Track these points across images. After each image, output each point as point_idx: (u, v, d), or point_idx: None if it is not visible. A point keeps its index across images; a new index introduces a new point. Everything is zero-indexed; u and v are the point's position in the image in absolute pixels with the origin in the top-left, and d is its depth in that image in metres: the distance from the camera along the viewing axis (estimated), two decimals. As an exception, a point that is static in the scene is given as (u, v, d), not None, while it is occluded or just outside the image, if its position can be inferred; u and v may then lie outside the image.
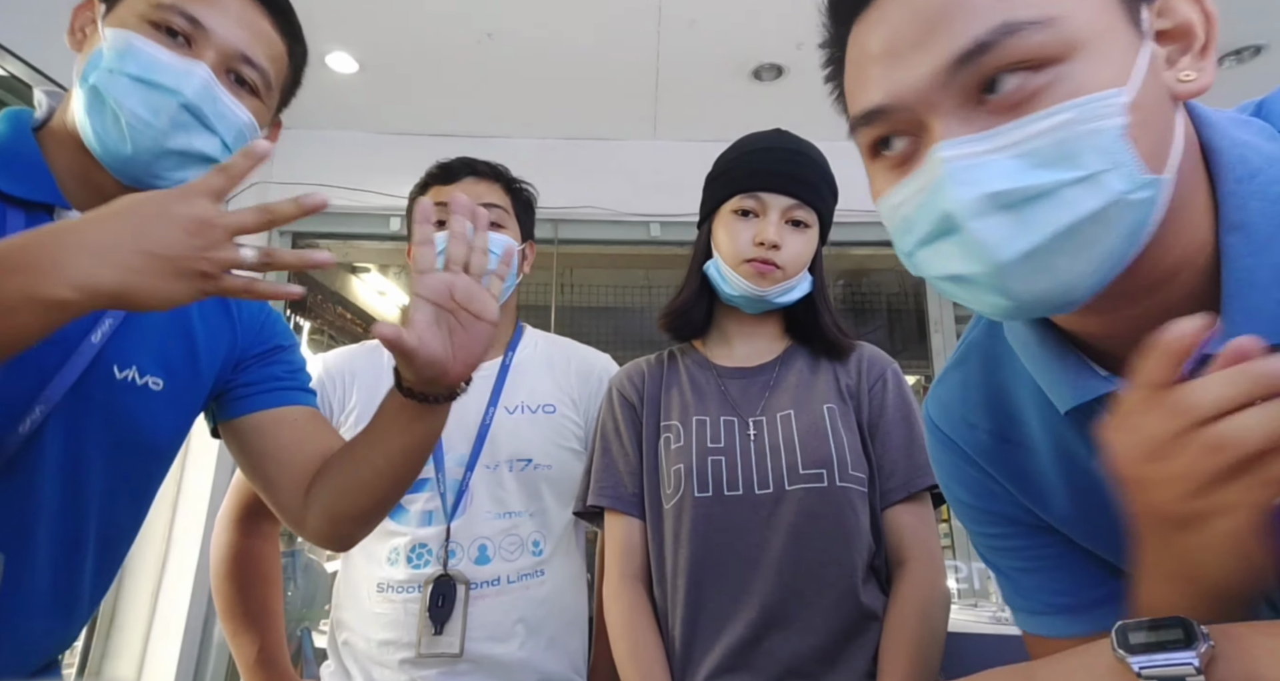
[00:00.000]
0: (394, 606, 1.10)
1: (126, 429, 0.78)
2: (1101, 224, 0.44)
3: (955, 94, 0.47)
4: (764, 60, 2.67)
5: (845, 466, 0.96)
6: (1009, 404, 0.64)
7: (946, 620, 0.94)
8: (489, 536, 1.13)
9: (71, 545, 0.76)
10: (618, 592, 1.01)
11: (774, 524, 0.95)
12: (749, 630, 0.91)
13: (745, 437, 1.01)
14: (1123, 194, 0.44)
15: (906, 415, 1.03)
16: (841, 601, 0.92)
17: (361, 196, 2.98)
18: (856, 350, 1.09)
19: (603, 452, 1.10)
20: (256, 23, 0.78)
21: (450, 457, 1.16)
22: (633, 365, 1.17)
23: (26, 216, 0.72)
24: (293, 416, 0.87)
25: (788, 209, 1.03)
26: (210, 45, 0.74)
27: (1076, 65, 0.45)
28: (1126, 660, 0.40)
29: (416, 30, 2.51)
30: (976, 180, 0.45)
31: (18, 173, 0.72)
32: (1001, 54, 0.45)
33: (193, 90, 0.71)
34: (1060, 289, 0.46)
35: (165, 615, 2.50)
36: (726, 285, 1.05)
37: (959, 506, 0.71)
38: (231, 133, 0.76)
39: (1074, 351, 0.56)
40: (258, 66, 0.78)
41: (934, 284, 0.52)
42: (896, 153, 0.52)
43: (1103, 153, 0.44)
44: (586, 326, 3.83)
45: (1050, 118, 0.44)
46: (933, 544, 0.98)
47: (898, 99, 0.49)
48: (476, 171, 1.27)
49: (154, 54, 0.71)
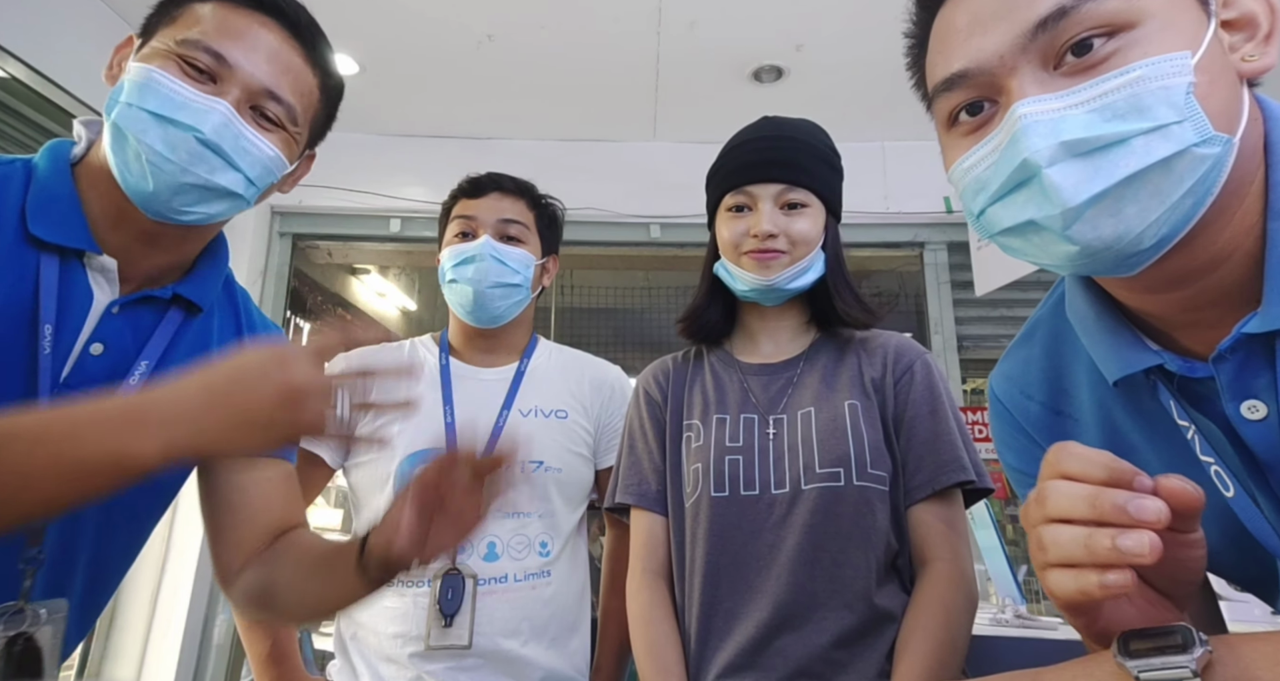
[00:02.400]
0: (403, 600, 1.12)
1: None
2: (1171, 175, 0.48)
3: (1034, 57, 0.51)
4: (764, 61, 2.67)
5: (864, 465, 0.94)
6: (1064, 378, 0.68)
7: (970, 624, 0.91)
8: (498, 534, 1.16)
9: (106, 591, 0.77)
10: (639, 587, 1.01)
11: (789, 524, 0.94)
12: (760, 629, 0.91)
13: (764, 436, 1.00)
14: (1191, 145, 0.47)
15: (935, 408, 0.99)
16: (855, 602, 0.91)
17: (362, 198, 2.98)
18: (884, 342, 1.07)
19: (629, 450, 1.10)
20: (286, 57, 0.77)
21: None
22: (659, 363, 1.16)
23: (60, 263, 0.71)
24: (267, 475, 0.84)
25: (779, 195, 1.02)
26: (235, 82, 0.73)
27: (1148, 30, 0.49)
28: (1126, 665, 0.41)
29: (417, 32, 2.51)
30: (1053, 131, 0.49)
31: (54, 217, 0.72)
32: (1080, 18, 0.49)
33: (211, 127, 0.71)
34: (1127, 237, 0.49)
35: (165, 616, 2.50)
36: (736, 282, 1.04)
37: (1011, 472, 0.75)
38: (256, 169, 0.75)
39: (1128, 326, 0.59)
40: (284, 102, 0.77)
41: (1001, 242, 0.56)
42: (973, 119, 0.55)
43: (1173, 107, 0.47)
44: (587, 328, 3.83)
45: (1123, 75, 0.48)
46: (958, 543, 0.94)
47: (978, 64, 0.53)
48: (503, 187, 1.30)
49: (173, 89, 0.71)
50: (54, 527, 0.70)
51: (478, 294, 1.22)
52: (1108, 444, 0.63)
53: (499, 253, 1.23)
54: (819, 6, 2.40)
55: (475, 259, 1.23)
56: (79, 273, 0.73)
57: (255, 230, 2.91)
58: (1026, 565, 3.04)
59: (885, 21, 2.43)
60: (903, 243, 3.10)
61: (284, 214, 3.04)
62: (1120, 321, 0.60)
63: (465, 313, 1.26)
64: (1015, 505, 3.37)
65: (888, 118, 2.91)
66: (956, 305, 3.02)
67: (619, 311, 3.87)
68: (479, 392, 1.24)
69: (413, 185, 2.94)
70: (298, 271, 3.15)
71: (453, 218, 1.29)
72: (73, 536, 0.73)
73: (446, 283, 1.27)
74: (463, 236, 1.26)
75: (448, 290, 1.27)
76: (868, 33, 2.50)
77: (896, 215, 3.03)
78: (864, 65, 2.67)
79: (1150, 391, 0.59)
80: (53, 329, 0.68)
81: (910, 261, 3.19)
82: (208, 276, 0.83)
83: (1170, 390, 0.57)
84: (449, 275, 1.25)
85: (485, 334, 1.29)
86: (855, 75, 2.73)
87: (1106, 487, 0.43)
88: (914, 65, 0.64)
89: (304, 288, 3.32)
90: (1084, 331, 0.62)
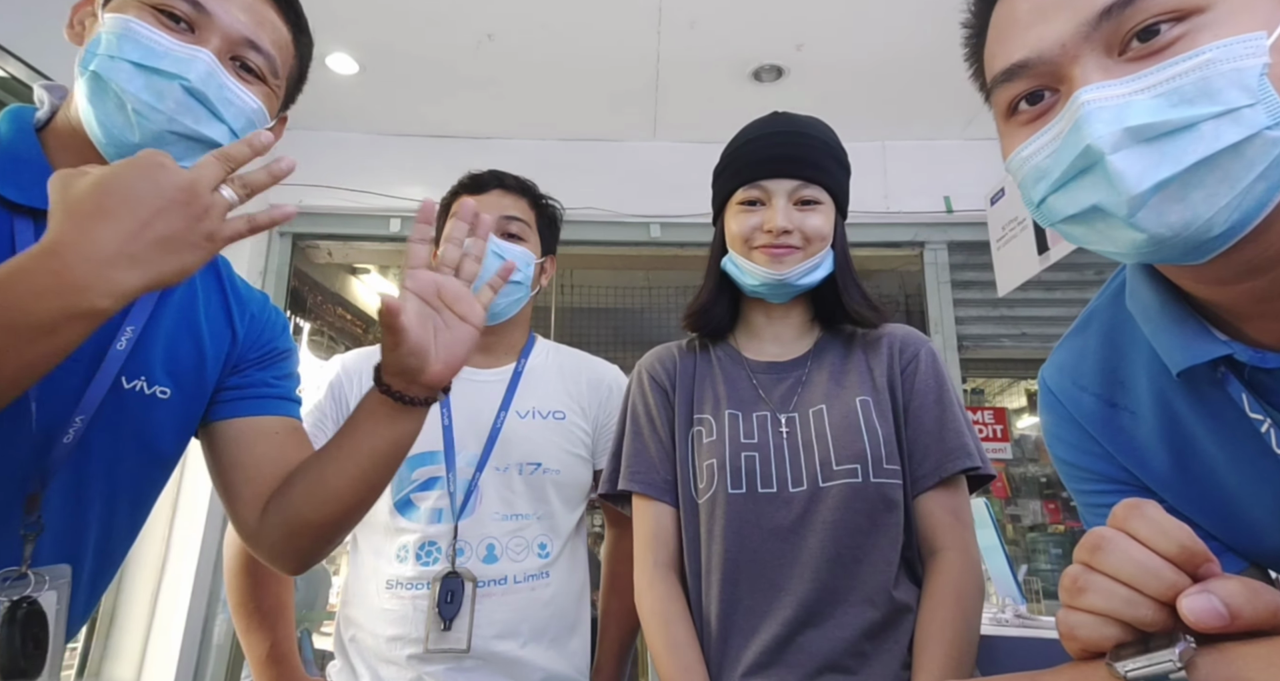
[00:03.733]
0: (403, 603, 1.12)
1: (131, 438, 0.76)
2: (1241, 159, 0.46)
3: (1098, 44, 0.49)
4: (764, 61, 2.67)
5: (880, 461, 0.94)
6: (1121, 370, 0.67)
7: (980, 609, 0.92)
8: (496, 536, 1.15)
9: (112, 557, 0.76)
10: (650, 582, 0.99)
11: (809, 521, 0.94)
12: (785, 627, 0.91)
13: (778, 433, 0.99)
14: (1264, 128, 0.45)
15: (940, 396, 0.99)
16: (876, 596, 0.91)
17: (361, 197, 2.98)
18: (888, 334, 1.06)
19: (633, 436, 1.07)
20: (261, 10, 0.76)
21: (461, 457, 1.17)
22: (663, 348, 1.14)
23: (34, 225, 0.70)
24: (272, 428, 0.84)
25: (794, 191, 1.02)
26: (214, 31, 0.72)
27: (1219, 13, 0.47)
28: (1114, 666, 0.42)
29: (416, 31, 2.51)
30: (1118, 117, 0.47)
31: (24, 179, 0.70)
32: (1147, 4, 0.47)
33: (197, 75, 0.69)
34: (1195, 223, 0.47)
35: (165, 616, 2.50)
36: (746, 276, 1.04)
37: (1060, 465, 0.74)
38: (240, 120, 0.74)
39: (1195, 316, 0.58)
40: (264, 52, 0.75)
41: (1064, 230, 0.54)
42: (1033, 108, 0.54)
43: (1245, 89, 0.45)
44: (586, 327, 3.84)
45: (1192, 59, 0.46)
46: (965, 532, 0.95)
47: (1040, 53, 0.52)
48: (505, 184, 1.30)
49: (155, 39, 0.69)
50: (56, 496, 0.70)
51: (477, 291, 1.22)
52: (1166, 436, 0.63)
53: (501, 250, 1.21)
54: (819, 6, 2.40)
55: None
56: None
57: (255, 230, 2.91)
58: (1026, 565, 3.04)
59: (886, 21, 2.45)
60: (903, 242, 3.10)
61: (284, 213, 3.03)
62: (1186, 311, 0.58)
63: None
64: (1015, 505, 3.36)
65: (888, 117, 2.91)
66: (956, 305, 3.02)
67: (619, 311, 3.87)
68: (476, 394, 1.23)
69: (413, 185, 2.93)
70: (298, 271, 3.15)
71: (453, 214, 1.28)
72: (77, 505, 0.72)
73: None
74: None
75: None
76: (868, 32, 2.50)
77: (896, 215, 3.03)
78: (864, 65, 2.67)
79: (1216, 383, 0.57)
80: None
81: (910, 261, 3.19)
82: None
83: (1241, 382, 0.56)
84: None
85: (483, 332, 1.27)
86: (855, 75, 2.73)
87: (1170, 567, 0.42)
88: (972, 56, 0.62)
89: (304, 287, 3.32)
90: (1146, 321, 0.61)
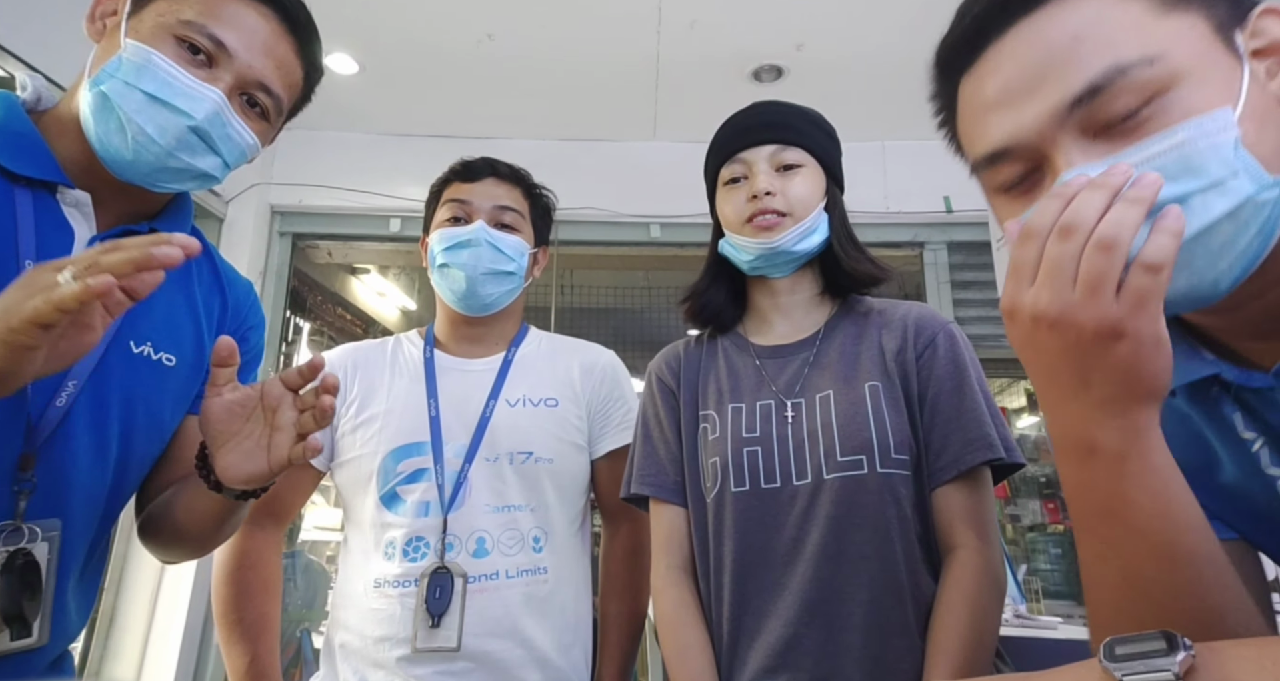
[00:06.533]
0: (390, 602, 1.08)
1: (141, 403, 0.79)
2: (1237, 222, 0.48)
3: (1073, 129, 0.52)
4: (764, 61, 2.68)
5: (887, 451, 0.91)
6: None
7: (999, 609, 0.89)
8: (487, 529, 1.11)
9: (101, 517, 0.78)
10: (664, 585, 0.98)
11: (811, 516, 0.91)
12: (789, 628, 0.88)
13: (782, 422, 0.97)
14: (1252, 196, 0.47)
15: (959, 383, 0.94)
16: (883, 595, 0.88)
17: (361, 197, 2.98)
18: (904, 313, 1.02)
19: (644, 440, 1.07)
20: (280, 51, 0.79)
21: (449, 448, 1.14)
22: (670, 347, 1.13)
23: (33, 194, 0.72)
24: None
25: (772, 155, 1.01)
26: (230, 68, 0.75)
27: (1185, 90, 0.49)
28: (1111, 670, 0.42)
29: (417, 31, 2.51)
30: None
31: (23, 152, 0.72)
32: (1114, 94, 0.50)
33: (204, 115, 0.73)
34: (1201, 285, 0.50)
35: (165, 617, 2.50)
36: (741, 252, 1.02)
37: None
38: (234, 154, 0.78)
39: (1186, 336, 0.60)
40: (274, 95, 0.79)
41: None
42: (1022, 184, 0.56)
43: (1224, 162, 0.47)
44: (586, 327, 3.83)
45: (1168, 138, 0.49)
46: (984, 527, 0.90)
47: (1018, 140, 0.54)
48: (498, 173, 1.27)
49: (172, 73, 0.72)
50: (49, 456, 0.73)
51: (470, 280, 1.19)
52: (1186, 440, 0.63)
53: (495, 239, 1.20)
54: (819, 6, 2.41)
55: (470, 244, 1.19)
56: (53, 207, 0.74)
57: (255, 229, 2.91)
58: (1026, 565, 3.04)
59: (885, 21, 2.45)
60: (903, 242, 3.11)
61: (284, 213, 3.03)
62: (1177, 331, 0.59)
63: (456, 299, 1.22)
64: (1015, 505, 3.36)
65: (888, 117, 2.91)
66: (956, 305, 3.02)
67: (619, 311, 3.88)
68: (464, 384, 1.21)
69: (412, 185, 2.94)
70: (298, 271, 3.15)
71: (444, 201, 1.25)
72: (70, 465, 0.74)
73: (437, 267, 1.22)
74: (454, 221, 1.22)
75: (438, 275, 1.23)
76: (868, 32, 2.50)
77: (896, 215, 3.03)
78: (864, 65, 2.67)
79: (1213, 401, 0.59)
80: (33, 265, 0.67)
81: (910, 261, 3.19)
82: (179, 219, 0.85)
83: (1231, 401, 0.57)
84: (440, 259, 1.21)
85: (474, 322, 1.25)
86: (855, 75, 2.73)
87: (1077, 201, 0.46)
88: (944, 126, 0.65)
89: (304, 287, 3.32)
90: None
